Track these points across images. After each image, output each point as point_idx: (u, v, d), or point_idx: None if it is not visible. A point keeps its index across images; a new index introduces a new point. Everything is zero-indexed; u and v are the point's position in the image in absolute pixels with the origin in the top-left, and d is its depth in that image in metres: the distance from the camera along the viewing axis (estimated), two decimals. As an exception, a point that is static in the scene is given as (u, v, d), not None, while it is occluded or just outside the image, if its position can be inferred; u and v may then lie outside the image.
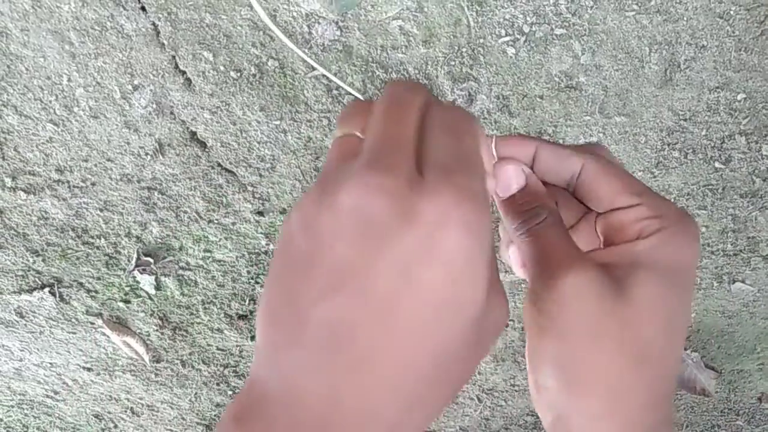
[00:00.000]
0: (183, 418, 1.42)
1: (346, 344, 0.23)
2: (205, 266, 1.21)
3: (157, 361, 1.32)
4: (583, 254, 0.33)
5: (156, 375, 1.34)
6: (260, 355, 0.25)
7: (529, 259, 0.35)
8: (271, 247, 1.19)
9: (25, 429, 1.43)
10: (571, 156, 0.36)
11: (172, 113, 1.03)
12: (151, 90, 1.01)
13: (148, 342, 1.29)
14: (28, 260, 1.16)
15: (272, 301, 0.25)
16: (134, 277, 1.19)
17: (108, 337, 1.27)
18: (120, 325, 1.26)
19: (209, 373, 1.35)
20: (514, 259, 0.37)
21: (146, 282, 1.20)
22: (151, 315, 1.26)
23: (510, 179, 0.36)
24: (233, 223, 1.16)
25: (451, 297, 0.24)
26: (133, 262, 1.17)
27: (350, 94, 0.88)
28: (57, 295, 1.21)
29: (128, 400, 1.39)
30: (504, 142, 0.36)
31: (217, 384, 1.37)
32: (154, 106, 1.02)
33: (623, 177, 0.35)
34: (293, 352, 0.23)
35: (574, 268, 0.32)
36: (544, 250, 0.34)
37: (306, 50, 0.98)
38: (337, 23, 0.96)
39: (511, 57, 1.01)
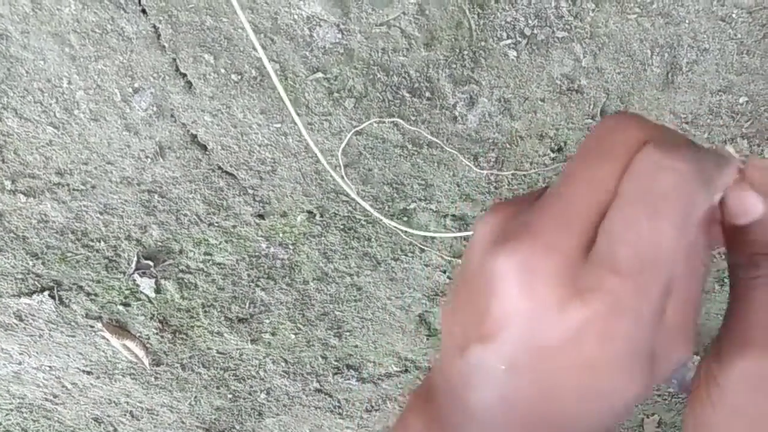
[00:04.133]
0: (183, 422, 1.42)
1: (482, 382, 0.26)
2: (205, 269, 1.20)
3: (157, 365, 1.32)
4: None
5: (156, 378, 1.34)
6: (443, 346, 0.29)
7: (723, 325, 0.28)
8: (272, 249, 1.19)
9: (24, 433, 1.42)
10: None
11: (172, 116, 1.03)
12: (151, 93, 1.00)
13: (147, 345, 1.28)
14: (28, 263, 1.16)
15: (453, 310, 0.28)
16: (134, 280, 1.19)
17: (107, 340, 1.27)
18: (120, 328, 1.26)
19: (209, 376, 1.35)
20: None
21: (146, 285, 1.19)
22: (151, 318, 1.25)
23: (745, 206, 0.26)
24: (234, 226, 1.16)
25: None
26: (133, 265, 1.17)
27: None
28: (56, 299, 1.20)
29: (128, 403, 1.39)
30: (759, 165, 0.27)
31: (217, 387, 1.37)
32: (155, 108, 1.02)
33: None
34: (458, 361, 0.26)
35: (762, 350, 0.25)
36: (740, 315, 0.26)
37: (308, 51, 0.98)
38: (338, 26, 0.96)
39: (512, 60, 1.00)
